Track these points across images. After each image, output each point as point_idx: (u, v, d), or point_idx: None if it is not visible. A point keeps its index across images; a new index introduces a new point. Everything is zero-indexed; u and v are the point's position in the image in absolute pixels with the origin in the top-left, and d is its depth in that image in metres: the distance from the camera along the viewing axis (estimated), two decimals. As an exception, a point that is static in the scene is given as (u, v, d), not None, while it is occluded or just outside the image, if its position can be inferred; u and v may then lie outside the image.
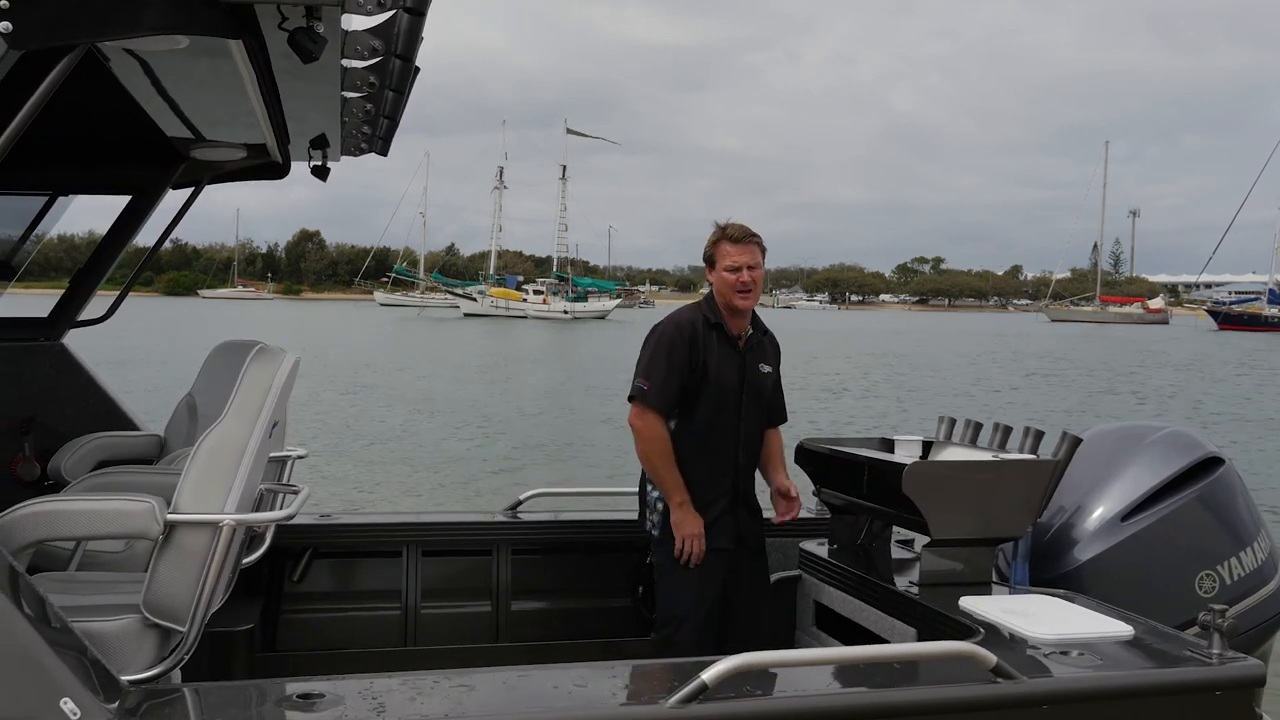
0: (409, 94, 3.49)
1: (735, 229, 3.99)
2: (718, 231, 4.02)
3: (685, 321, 4.02)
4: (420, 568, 4.41)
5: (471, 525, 4.64)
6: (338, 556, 4.34)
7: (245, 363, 3.04)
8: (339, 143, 4.16)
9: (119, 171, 4.92)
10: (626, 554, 4.61)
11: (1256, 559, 3.91)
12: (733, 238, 3.97)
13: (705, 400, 3.97)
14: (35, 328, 5.17)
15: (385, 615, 4.37)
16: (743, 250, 3.96)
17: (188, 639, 2.75)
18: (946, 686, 2.67)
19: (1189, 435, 4.15)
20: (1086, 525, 3.90)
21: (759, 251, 4.00)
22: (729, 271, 3.96)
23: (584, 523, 4.69)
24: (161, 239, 5.33)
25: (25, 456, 4.97)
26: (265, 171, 4.84)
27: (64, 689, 2.17)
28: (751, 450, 4.10)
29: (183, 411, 5.04)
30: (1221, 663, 2.85)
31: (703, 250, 4.09)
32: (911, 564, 3.93)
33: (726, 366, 3.99)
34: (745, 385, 4.03)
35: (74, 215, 5.18)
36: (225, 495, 2.80)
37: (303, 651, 4.25)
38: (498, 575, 4.48)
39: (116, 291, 5.51)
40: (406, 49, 3.01)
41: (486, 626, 4.46)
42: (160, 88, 3.44)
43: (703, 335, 3.99)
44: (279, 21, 2.55)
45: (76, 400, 5.14)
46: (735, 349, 4.03)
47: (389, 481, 14.42)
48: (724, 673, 2.47)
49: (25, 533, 2.69)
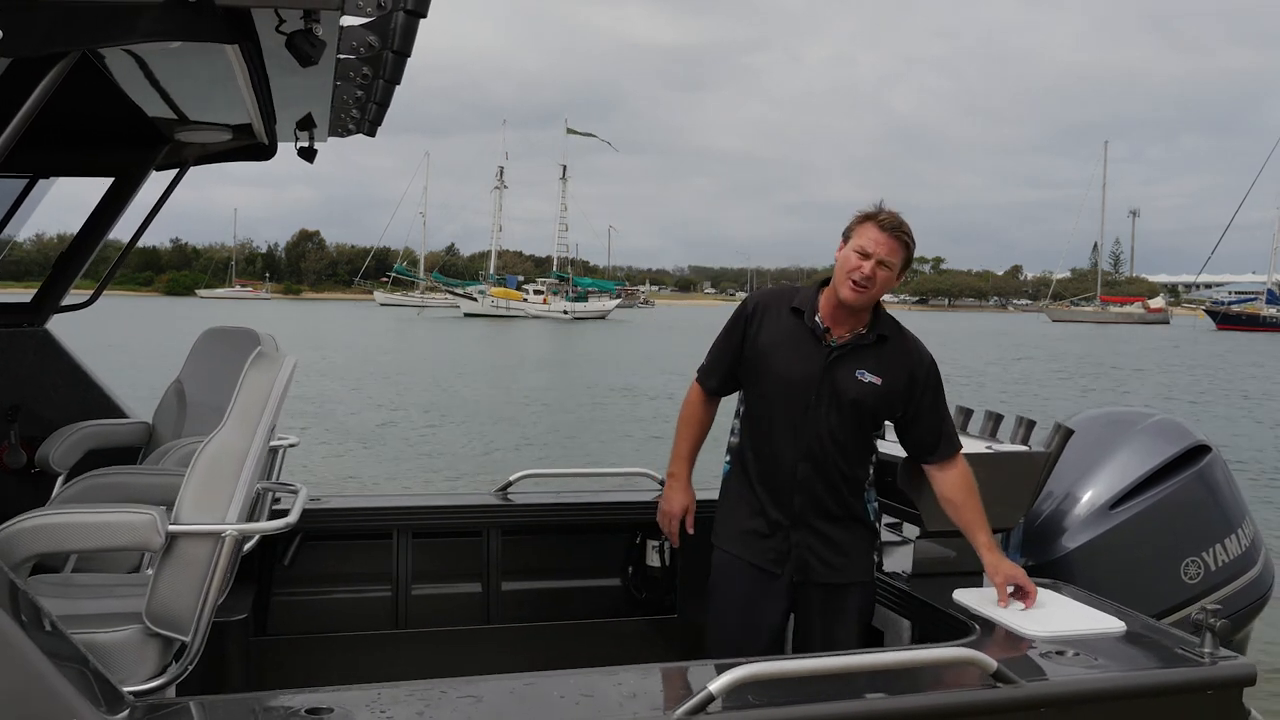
0: (400, 81, 3.48)
1: (889, 218, 3.39)
2: (871, 210, 3.44)
3: (760, 298, 3.62)
4: (411, 550, 4.41)
5: (461, 508, 4.63)
6: (328, 540, 4.33)
7: (244, 367, 3.01)
8: (327, 125, 4.12)
9: (100, 153, 4.85)
10: (617, 534, 4.61)
11: (1240, 545, 3.96)
12: (882, 223, 3.37)
13: (760, 387, 3.52)
14: (18, 313, 5.14)
15: (376, 597, 4.37)
16: (884, 241, 3.35)
17: (191, 648, 2.75)
18: (951, 691, 2.71)
19: (1177, 423, 4.18)
20: (1075, 513, 3.92)
21: (902, 251, 3.39)
22: (857, 253, 3.36)
23: (574, 504, 4.68)
24: (148, 219, 5.25)
25: (11, 444, 4.94)
26: (251, 153, 4.77)
27: (71, 706, 2.16)
28: (821, 464, 3.45)
29: (171, 398, 5.03)
30: (1214, 662, 2.89)
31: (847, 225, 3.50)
32: (904, 552, 3.92)
33: (795, 358, 3.45)
34: (821, 386, 3.43)
35: (73, 215, 5.12)
36: (227, 505, 2.78)
37: (294, 635, 4.25)
38: (488, 557, 4.47)
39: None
40: (403, 44, 2.98)
41: (477, 608, 4.46)
42: (144, 70, 3.41)
43: (769, 314, 3.53)
44: (276, 24, 2.51)
45: (62, 387, 5.11)
46: (816, 342, 3.46)
47: (381, 466, 14.46)
48: (731, 683, 2.46)
49: (26, 546, 2.67)
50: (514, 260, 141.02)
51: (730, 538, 3.60)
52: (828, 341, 3.47)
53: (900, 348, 3.53)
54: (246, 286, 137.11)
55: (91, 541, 2.79)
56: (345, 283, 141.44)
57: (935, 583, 3.61)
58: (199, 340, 5.20)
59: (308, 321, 67.28)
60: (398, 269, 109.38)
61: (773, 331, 3.51)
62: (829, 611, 3.52)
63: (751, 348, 3.54)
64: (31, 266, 71.53)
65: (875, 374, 3.46)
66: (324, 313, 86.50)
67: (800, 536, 3.48)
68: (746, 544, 3.55)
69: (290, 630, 4.26)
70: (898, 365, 3.49)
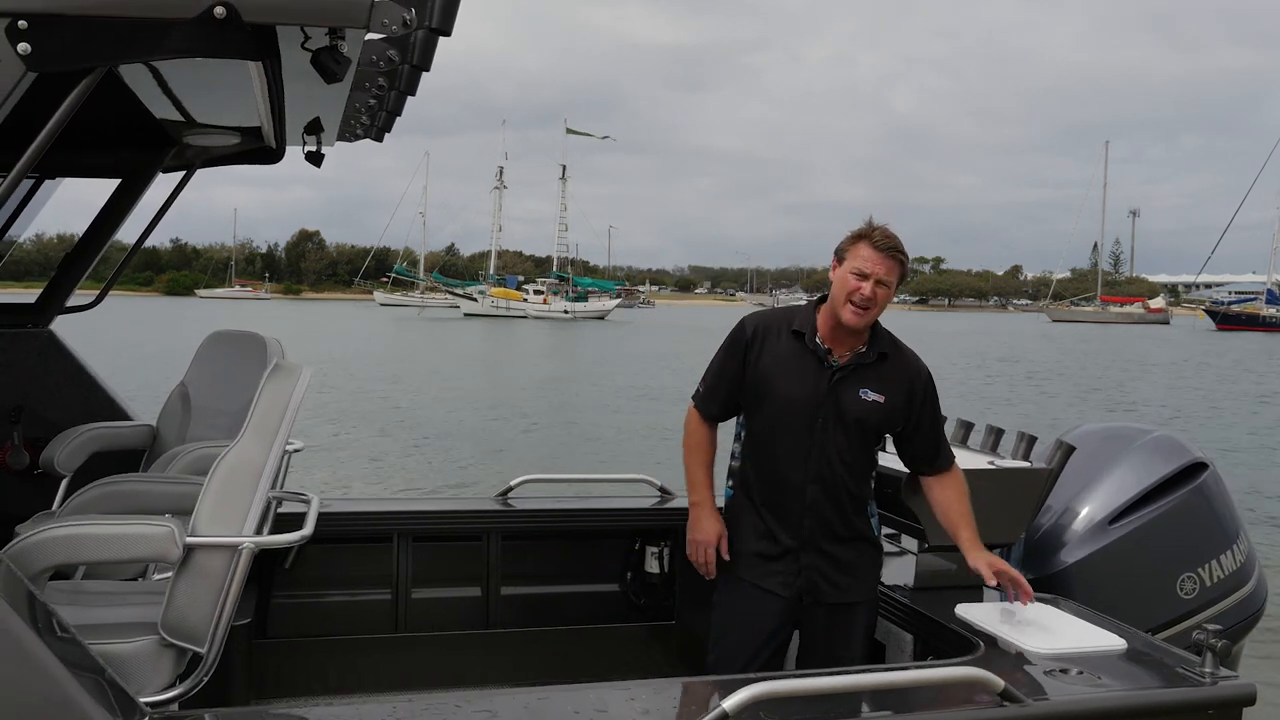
0: (415, 93, 3.49)
1: (883, 237, 3.37)
2: (864, 230, 3.42)
3: (758, 322, 3.58)
4: (411, 554, 4.42)
5: (462, 513, 4.65)
6: (329, 543, 4.34)
7: (259, 376, 3.03)
8: (335, 130, 4.12)
9: (108, 155, 4.85)
10: (616, 540, 4.64)
11: (1235, 561, 3.99)
12: (876, 243, 3.36)
13: (763, 412, 3.49)
14: (23, 314, 5.14)
15: (376, 601, 4.39)
16: (880, 260, 3.35)
17: (207, 660, 2.76)
18: (958, 710, 2.73)
19: (1175, 440, 4.21)
20: (1074, 528, 3.95)
21: (898, 269, 3.40)
22: (855, 275, 3.37)
23: (574, 509, 4.69)
24: (154, 221, 5.26)
25: (15, 445, 4.95)
26: (258, 156, 4.77)
27: (88, 716, 2.17)
28: (831, 486, 3.45)
29: (175, 401, 5.03)
30: (1214, 682, 2.93)
31: (839, 244, 3.49)
32: (906, 565, 3.95)
33: (797, 379, 3.44)
34: (822, 407, 3.43)
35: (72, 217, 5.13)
36: (244, 517, 2.80)
37: (295, 638, 4.27)
38: (488, 561, 4.49)
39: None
40: (422, 60, 2.99)
41: (477, 612, 4.48)
42: (154, 73, 3.39)
43: (769, 337, 3.52)
44: (301, 41, 2.50)
45: (66, 388, 5.12)
46: (819, 363, 3.46)
47: (381, 469, 14.48)
48: (746, 701, 2.47)
49: (44, 558, 2.68)
50: (514, 260, 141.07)
51: (735, 562, 3.57)
52: (830, 362, 3.47)
53: (899, 363, 3.54)
54: (246, 286, 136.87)
55: (109, 553, 2.79)
56: (345, 283, 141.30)
57: (937, 596, 3.64)
58: (204, 344, 5.20)
59: (307, 321, 67.24)
60: (398, 269, 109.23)
61: (774, 355, 3.50)
62: (834, 629, 3.52)
63: (754, 372, 3.51)
64: (31, 266, 71.38)
65: (878, 392, 3.47)
66: (324, 313, 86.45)
67: (809, 559, 3.47)
68: (752, 567, 3.52)
69: (291, 633, 4.29)
70: (898, 382, 3.51)
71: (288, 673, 4.20)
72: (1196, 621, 3.75)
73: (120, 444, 4.90)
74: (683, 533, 4.70)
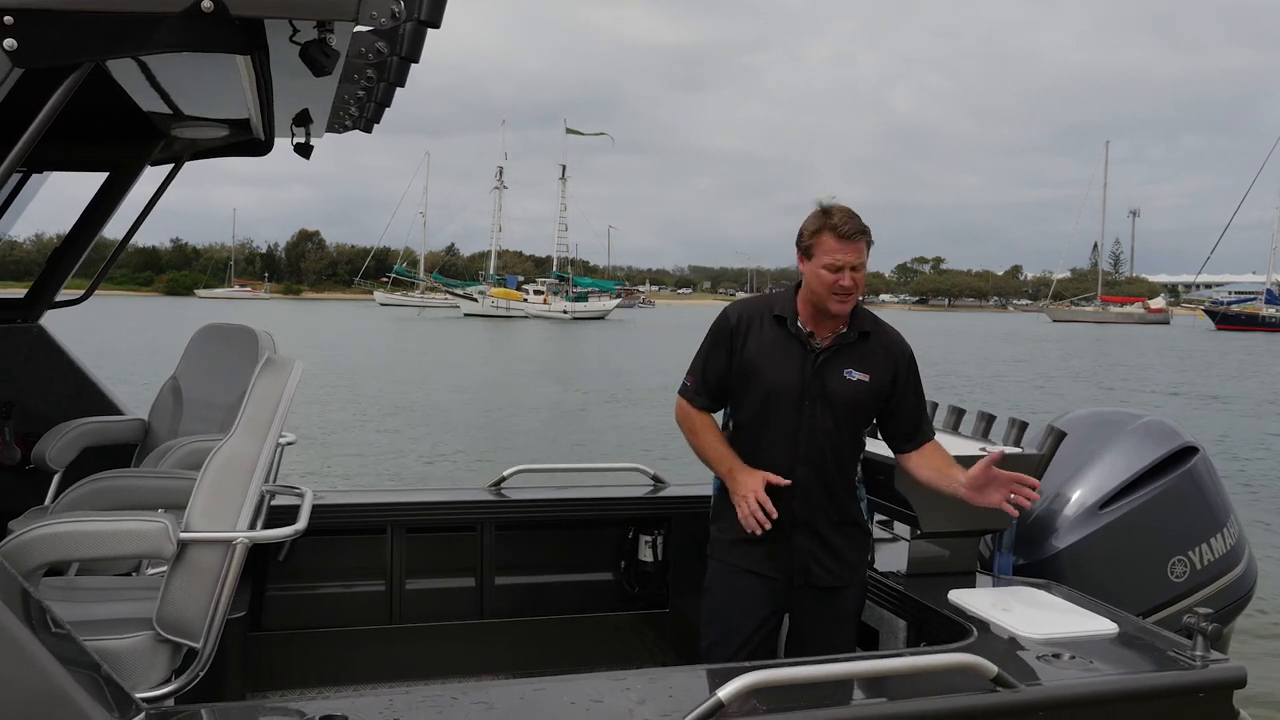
0: (404, 84, 3.48)
1: (843, 221, 3.36)
2: (819, 218, 3.41)
3: (740, 311, 3.59)
4: (405, 545, 4.42)
5: (455, 503, 4.64)
6: (322, 535, 4.33)
7: (251, 370, 3.02)
8: (324, 121, 4.12)
9: (94, 148, 4.83)
10: (610, 529, 4.64)
11: (1225, 544, 3.99)
12: (840, 232, 3.36)
13: (750, 398, 3.50)
14: (12, 309, 5.15)
15: (370, 592, 4.39)
16: (848, 248, 3.35)
17: (202, 655, 2.76)
18: (953, 696, 2.74)
19: (1165, 425, 4.20)
20: (1065, 513, 3.95)
21: (866, 249, 3.41)
22: (828, 270, 3.37)
23: (568, 499, 4.69)
24: (142, 215, 5.25)
25: (6, 440, 4.95)
26: (247, 148, 4.76)
27: (84, 713, 2.17)
28: (819, 467, 3.46)
29: (167, 395, 5.03)
30: (1205, 665, 2.94)
31: (798, 233, 3.47)
32: (899, 552, 3.95)
33: (783, 364, 3.46)
34: (808, 389, 3.44)
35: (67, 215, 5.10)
36: (237, 512, 2.80)
37: (289, 630, 4.27)
38: (482, 551, 4.49)
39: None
40: (411, 51, 2.99)
41: (471, 602, 4.48)
42: (141, 65, 3.39)
43: (753, 326, 3.53)
44: (290, 34, 2.50)
45: (57, 382, 5.12)
46: (801, 347, 3.48)
47: (375, 461, 14.49)
48: (741, 690, 2.47)
49: (38, 554, 2.67)
50: (514, 260, 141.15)
51: (727, 547, 3.57)
52: (812, 345, 3.49)
53: (881, 342, 3.56)
54: (246, 286, 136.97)
55: (103, 550, 2.79)
56: (345, 283, 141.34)
57: (930, 582, 3.64)
58: (195, 337, 5.19)
59: (308, 321, 67.27)
60: (398, 269, 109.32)
61: (759, 341, 3.51)
62: (824, 613, 3.53)
63: (740, 360, 3.52)
64: (31, 266, 71.40)
65: (862, 371, 3.49)
66: (324, 313, 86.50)
67: (800, 541, 3.48)
68: (745, 552, 3.52)
69: (285, 625, 4.29)
70: (882, 359, 3.53)
71: (282, 665, 4.20)
72: (1187, 605, 3.75)
73: (112, 438, 4.90)
74: (676, 520, 4.70)
